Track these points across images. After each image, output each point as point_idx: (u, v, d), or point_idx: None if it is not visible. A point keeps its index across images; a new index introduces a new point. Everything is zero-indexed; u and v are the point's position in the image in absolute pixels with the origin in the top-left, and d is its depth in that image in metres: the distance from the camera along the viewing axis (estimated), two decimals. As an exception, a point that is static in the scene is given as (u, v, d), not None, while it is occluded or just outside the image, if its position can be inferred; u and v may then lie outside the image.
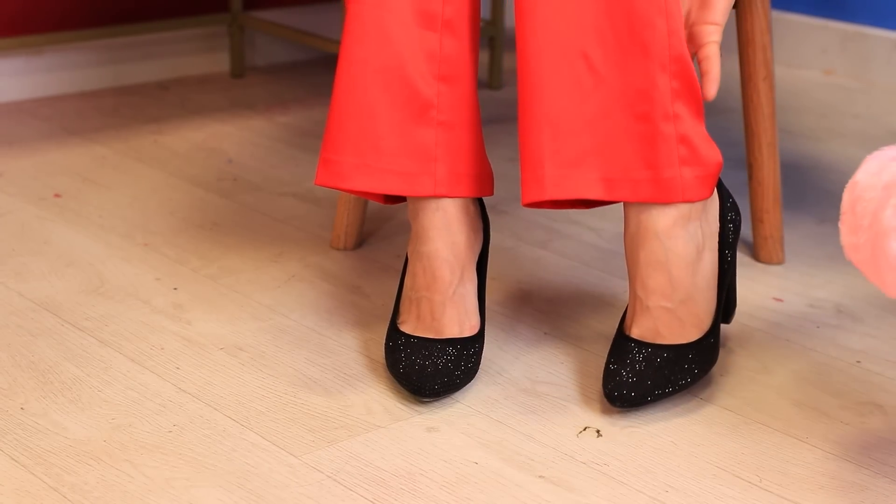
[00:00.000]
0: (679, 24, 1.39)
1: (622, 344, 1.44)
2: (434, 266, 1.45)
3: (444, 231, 1.45)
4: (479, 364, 1.47)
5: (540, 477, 1.30)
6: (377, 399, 1.44)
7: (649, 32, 1.38)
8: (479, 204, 1.51)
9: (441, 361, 1.42)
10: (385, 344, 1.47)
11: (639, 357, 1.41)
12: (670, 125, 1.39)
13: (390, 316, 1.51)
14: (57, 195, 2.00)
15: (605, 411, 1.42)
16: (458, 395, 1.45)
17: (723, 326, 1.59)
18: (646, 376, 1.40)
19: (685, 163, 1.40)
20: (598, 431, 1.38)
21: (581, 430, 1.39)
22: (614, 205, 1.73)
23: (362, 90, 1.42)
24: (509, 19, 3.08)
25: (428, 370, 1.41)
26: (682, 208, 1.42)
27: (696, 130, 1.41)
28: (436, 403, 1.43)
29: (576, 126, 1.40)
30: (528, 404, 1.43)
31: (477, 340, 1.47)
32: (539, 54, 1.39)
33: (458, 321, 1.45)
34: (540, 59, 1.39)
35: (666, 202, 1.41)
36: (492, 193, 1.48)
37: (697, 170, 1.41)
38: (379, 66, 1.42)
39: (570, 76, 1.39)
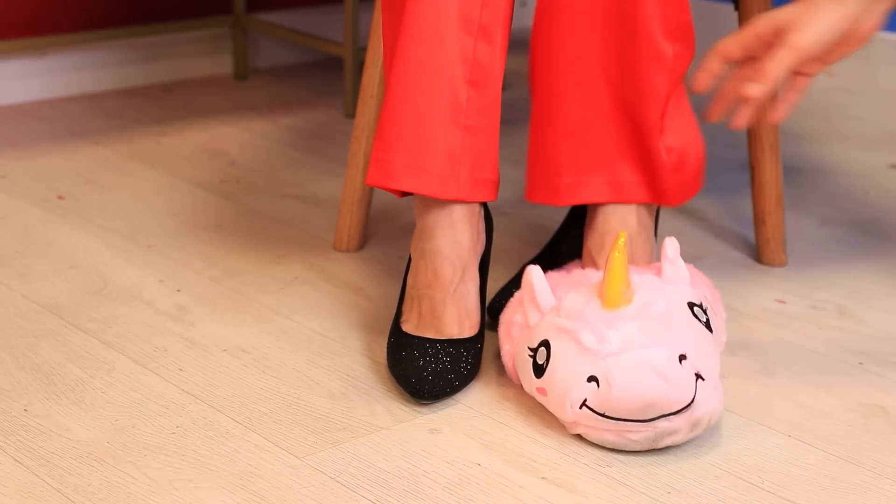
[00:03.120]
0: (666, 11, 1.46)
1: None
2: (436, 263, 1.46)
3: (448, 230, 1.46)
4: (478, 365, 1.47)
5: (542, 478, 1.30)
6: (380, 400, 1.44)
7: (649, 41, 1.45)
8: (484, 205, 1.52)
9: (440, 364, 1.42)
10: (387, 342, 1.48)
11: None
12: (660, 135, 1.50)
13: (394, 315, 1.51)
14: (60, 197, 2.00)
15: (607, 413, 1.42)
16: (460, 396, 1.45)
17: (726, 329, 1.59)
18: None
19: (675, 170, 1.52)
20: (600, 433, 1.39)
21: (583, 431, 1.39)
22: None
23: (417, 90, 1.43)
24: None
25: (427, 372, 1.42)
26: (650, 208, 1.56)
27: (683, 136, 1.52)
28: (438, 404, 1.43)
29: (593, 135, 1.48)
30: (531, 405, 1.43)
31: (477, 341, 1.47)
32: (565, 69, 1.46)
33: (458, 320, 1.46)
34: (566, 73, 1.47)
35: (663, 204, 1.53)
36: (496, 198, 1.50)
37: (684, 175, 1.53)
38: (433, 67, 1.42)
39: (592, 89, 1.47)
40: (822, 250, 1.86)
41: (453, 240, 1.46)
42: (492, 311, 1.58)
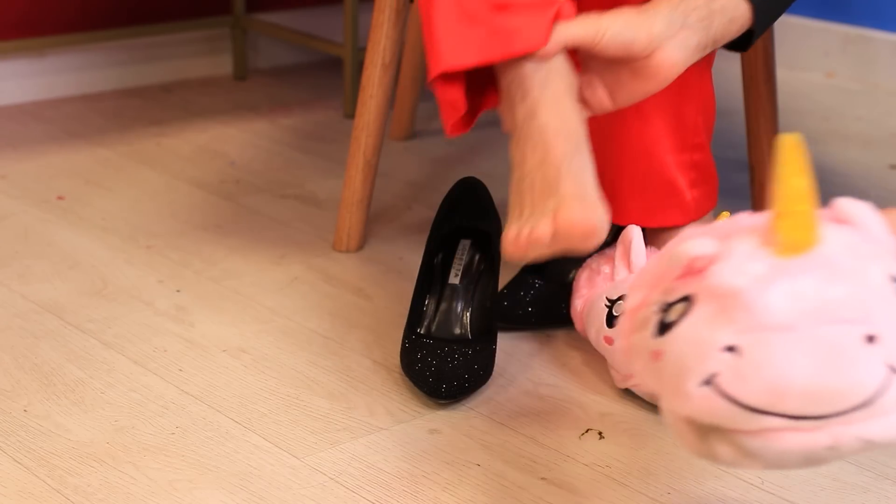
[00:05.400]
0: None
1: None
2: (546, 138, 1.24)
3: (553, 105, 1.26)
4: (493, 365, 1.46)
5: (542, 479, 1.30)
6: (379, 401, 1.44)
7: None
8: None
9: (458, 363, 1.42)
10: (401, 344, 1.47)
11: None
12: (689, 154, 1.53)
13: (407, 318, 1.51)
14: (60, 197, 2.00)
15: (607, 413, 1.42)
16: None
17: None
18: None
19: (694, 185, 1.55)
20: (600, 433, 1.39)
21: (583, 432, 1.39)
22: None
23: None
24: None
25: (444, 371, 1.41)
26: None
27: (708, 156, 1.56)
28: (438, 405, 1.43)
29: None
30: (531, 406, 1.43)
31: (492, 342, 1.46)
32: None
33: (576, 194, 1.22)
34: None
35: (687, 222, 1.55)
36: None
37: (706, 188, 1.57)
38: None
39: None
40: (822, 250, 1.86)
41: (560, 114, 1.25)
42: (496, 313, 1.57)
